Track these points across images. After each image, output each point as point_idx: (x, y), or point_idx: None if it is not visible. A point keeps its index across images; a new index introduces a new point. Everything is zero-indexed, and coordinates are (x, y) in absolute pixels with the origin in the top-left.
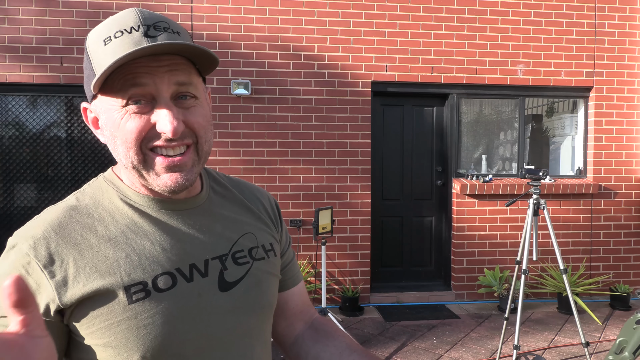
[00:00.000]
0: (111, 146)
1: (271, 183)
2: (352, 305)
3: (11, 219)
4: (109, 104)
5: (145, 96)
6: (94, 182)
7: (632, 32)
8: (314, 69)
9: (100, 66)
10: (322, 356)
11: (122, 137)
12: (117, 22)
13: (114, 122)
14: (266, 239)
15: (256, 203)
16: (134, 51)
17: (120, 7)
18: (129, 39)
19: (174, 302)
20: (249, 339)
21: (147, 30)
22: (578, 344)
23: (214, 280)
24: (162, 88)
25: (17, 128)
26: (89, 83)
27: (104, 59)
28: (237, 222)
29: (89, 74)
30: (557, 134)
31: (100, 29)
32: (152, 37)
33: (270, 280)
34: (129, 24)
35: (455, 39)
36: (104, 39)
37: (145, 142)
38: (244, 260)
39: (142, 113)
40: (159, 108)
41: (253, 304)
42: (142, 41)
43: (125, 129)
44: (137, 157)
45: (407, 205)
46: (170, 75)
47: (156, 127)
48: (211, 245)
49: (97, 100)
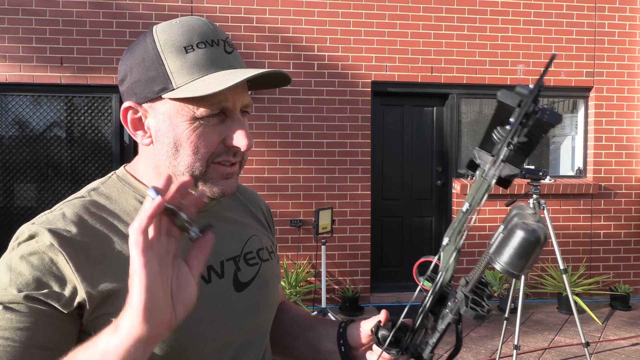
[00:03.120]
0: (165, 152)
1: (271, 183)
2: (352, 305)
3: (11, 218)
4: (177, 111)
5: (223, 111)
6: (108, 181)
7: (632, 32)
8: (314, 69)
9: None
10: (277, 329)
11: (193, 148)
12: (194, 31)
13: (181, 131)
14: (267, 242)
15: (256, 207)
16: (259, 73)
17: (120, 7)
18: (215, 52)
19: (195, 304)
20: (260, 336)
21: (225, 45)
22: (578, 344)
23: (230, 281)
24: (237, 105)
25: (17, 128)
26: (150, 84)
27: (190, 68)
28: (244, 225)
29: (154, 76)
30: (557, 134)
31: (174, 35)
32: (231, 53)
33: (275, 280)
34: (209, 36)
35: (455, 39)
36: (184, 46)
37: (213, 156)
38: (254, 261)
39: (214, 126)
40: (233, 124)
41: (263, 303)
42: (227, 57)
43: (198, 141)
44: (202, 169)
45: (407, 205)
46: (242, 95)
47: (230, 140)
48: (224, 246)
49: (159, 103)
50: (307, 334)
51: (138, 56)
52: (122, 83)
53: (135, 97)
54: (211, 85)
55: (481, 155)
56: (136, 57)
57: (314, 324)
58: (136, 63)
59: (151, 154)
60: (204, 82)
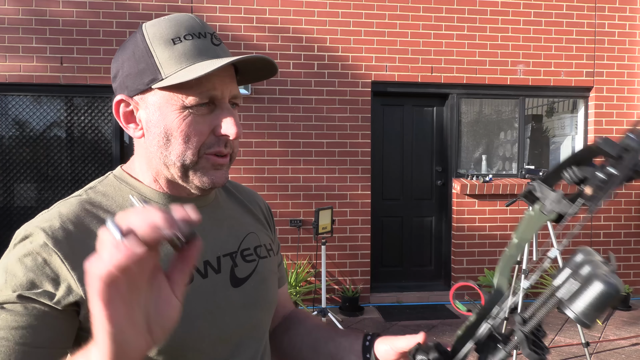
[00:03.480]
0: (157, 142)
1: (271, 183)
2: (352, 305)
3: (11, 218)
4: (167, 101)
5: (212, 100)
6: (104, 180)
7: (632, 32)
8: (314, 69)
9: (173, 65)
10: (295, 339)
11: (184, 137)
12: (181, 25)
13: (171, 120)
14: (265, 240)
15: (254, 205)
16: (244, 57)
17: (120, 7)
18: (202, 43)
19: (191, 298)
20: (258, 333)
21: (212, 38)
22: (578, 344)
23: (226, 276)
24: (226, 95)
25: (17, 128)
26: (140, 77)
27: (178, 58)
28: (241, 221)
29: (143, 68)
30: (557, 134)
31: (162, 28)
32: (218, 45)
33: (272, 278)
34: (196, 29)
35: (455, 39)
36: (172, 38)
37: (205, 147)
38: (251, 257)
39: (203, 115)
40: (222, 112)
41: (261, 299)
42: (214, 48)
43: (189, 130)
44: (193, 158)
45: (407, 205)
46: (230, 85)
47: (219, 129)
48: (221, 242)
49: (149, 94)
50: (328, 347)
51: (129, 51)
52: (114, 79)
53: (127, 90)
54: (198, 71)
55: (543, 189)
56: (127, 52)
57: (334, 335)
58: (127, 58)
59: (143, 148)
60: (192, 69)
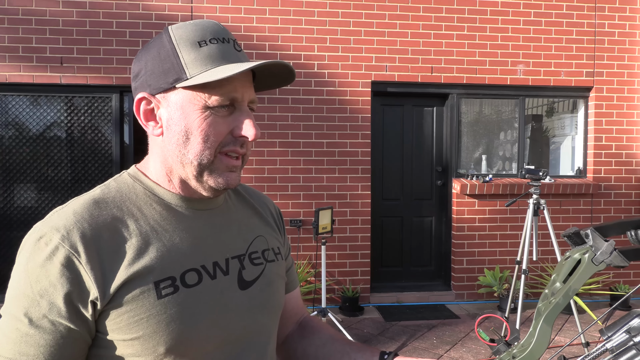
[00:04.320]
0: (176, 140)
1: (271, 183)
2: (352, 305)
3: (11, 219)
4: (189, 101)
5: (233, 102)
6: (119, 178)
7: (632, 32)
8: (314, 69)
9: (199, 66)
10: (309, 350)
11: (203, 136)
12: (207, 29)
13: (193, 119)
14: (274, 243)
15: (264, 209)
16: (267, 63)
17: (120, 7)
18: (226, 48)
19: (200, 298)
20: (263, 337)
21: (234, 44)
22: (578, 344)
23: (234, 278)
24: (245, 98)
25: (17, 128)
26: (165, 76)
27: (204, 60)
28: (250, 225)
29: (168, 67)
30: (557, 134)
31: (189, 31)
32: (239, 51)
33: (279, 282)
34: (220, 34)
35: (455, 39)
36: (198, 41)
37: (221, 146)
38: (259, 261)
39: (223, 117)
40: (242, 115)
41: (267, 303)
42: (236, 53)
43: (209, 129)
44: (210, 158)
45: (407, 205)
46: (249, 89)
47: (239, 131)
48: (230, 244)
49: (172, 93)
50: None
51: (154, 51)
52: (135, 78)
53: (149, 88)
54: (223, 72)
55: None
56: (151, 52)
57: (349, 350)
58: (151, 57)
59: (160, 147)
60: (217, 71)
